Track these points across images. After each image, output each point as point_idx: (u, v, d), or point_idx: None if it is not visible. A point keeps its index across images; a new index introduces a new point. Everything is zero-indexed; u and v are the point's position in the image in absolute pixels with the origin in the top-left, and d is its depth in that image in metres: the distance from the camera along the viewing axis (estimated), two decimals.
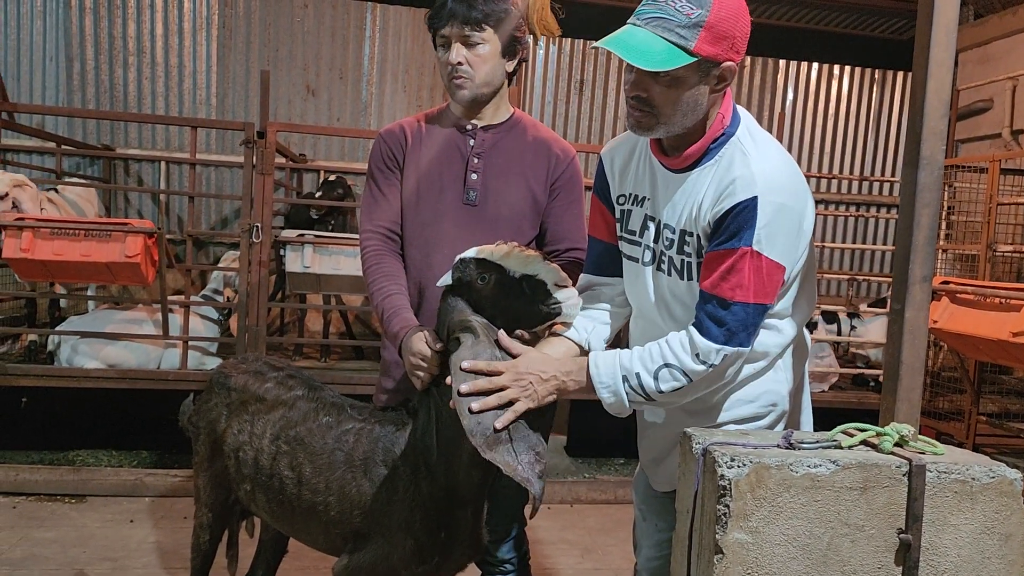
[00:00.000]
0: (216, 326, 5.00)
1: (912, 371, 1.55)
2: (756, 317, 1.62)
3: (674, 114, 1.62)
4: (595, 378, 1.68)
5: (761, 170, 1.60)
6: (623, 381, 1.66)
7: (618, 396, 1.67)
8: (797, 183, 1.63)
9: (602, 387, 1.68)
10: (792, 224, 1.61)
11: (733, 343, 1.61)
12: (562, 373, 1.70)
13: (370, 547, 1.99)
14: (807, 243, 1.69)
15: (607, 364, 1.69)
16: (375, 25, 7.29)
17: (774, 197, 1.57)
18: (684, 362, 1.62)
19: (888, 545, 1.45)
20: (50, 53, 6.90)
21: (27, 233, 4.18)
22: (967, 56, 7.61)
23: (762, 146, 1.66)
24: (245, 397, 2.22)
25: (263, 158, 4.57)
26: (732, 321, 1.59)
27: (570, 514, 4.54)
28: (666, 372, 1.63)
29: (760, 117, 7.94)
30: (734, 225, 1.58)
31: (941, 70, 1.50)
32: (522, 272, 1.77)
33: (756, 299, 1.59)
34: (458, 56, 2.14)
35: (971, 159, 5.55)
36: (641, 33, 1.57)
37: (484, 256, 1.79)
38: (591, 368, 1.69)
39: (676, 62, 1.54)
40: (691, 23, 1.53)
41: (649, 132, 1.67)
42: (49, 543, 3.73)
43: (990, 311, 3.74)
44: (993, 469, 1.47)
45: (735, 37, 1.58)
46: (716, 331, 1.60)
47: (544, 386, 1.68)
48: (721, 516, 1.42)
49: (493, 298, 1.79)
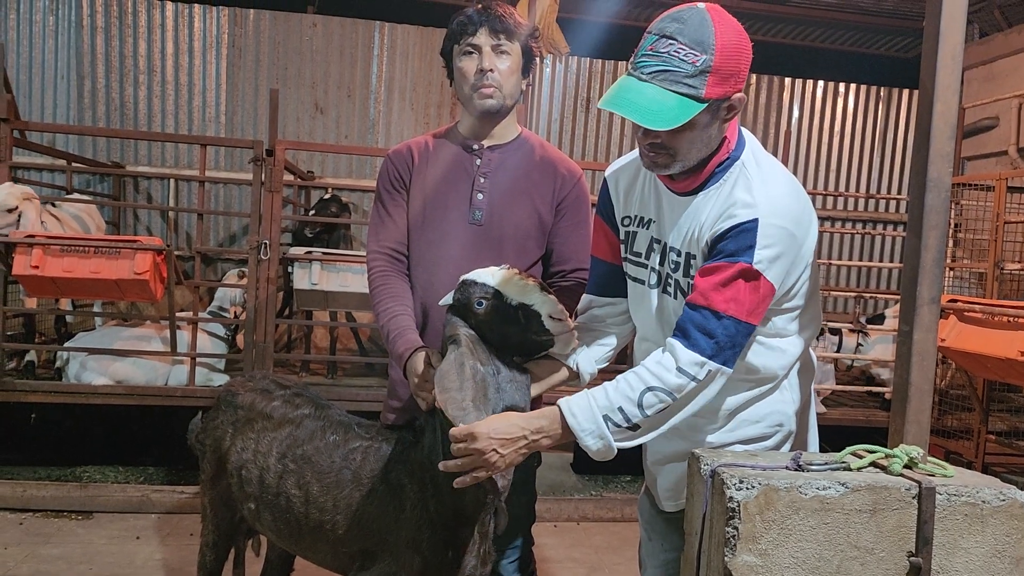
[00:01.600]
0: (223, 343, 5.02)
1: (921, 393, 1.54)
2: (743, 337, 1.59)
3: (690, 152, 1.63)
4: (576, 428, 1.60)
5: (764, 194, 1.60)
6: (606, 421, 1.58)
7: (604, 439, 1.59)
8: (800, 208, 1.63)
9: (585, 434, 1.59)
10: (792, 249, 1.60)
11: (719, 359, 1.56)
12: (531, 432, 1.63)
13: (378, 566, 1.99)
14: (805, 267, 1.68)
15: (583, 409, 1.60)
16: (383, 44, 7.35)
17: (776, 221, 1.57)
18: (667, 380, 1.56)
19: (898, 568, 1.44)
20: (61, 72, 6.96)
21: (37, 250, 4.21)
22: (972, 74, 7.62)
23: (766, 170, 1.66)
24: (252, 415, 2.23)
25: (271, 175, 4.60)
26: (722, 335, 1.55)
27: (577, 532, 4.52)
28: (651, 396, 1.57)
29: (766, 135, 7.96)
30: (733, 244, 1.57)
31: (948, 93, 1.51)
32: (519, 300, 1.78)
33: (747, 318, 1.57)
34: (491, 63, 2.14)
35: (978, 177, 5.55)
36: (649, 90, 1.54)
37: (484, 280, 1.80)
38: (568, 419, 1.61)
39: (689, 113, 1.53)
40: (698, 71, 1.52)
41: (666, 170, 1.68)
42: (55, 560, 3.72)
43: (998, 329, 3.73)
44: (1004, 492, 1.46)
45: (740, 70, 1.58)
46: (704, 343, 1.56)
47: (511, 448, 1.62)
48: (730, 538, 1.41)
49: (489, 323, 1.80)
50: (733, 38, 1.55)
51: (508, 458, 1.63)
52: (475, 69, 2.15)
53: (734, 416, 1.77)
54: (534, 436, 1.63)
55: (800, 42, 8.30)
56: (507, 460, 1.63)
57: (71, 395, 4.58)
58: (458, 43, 2.18)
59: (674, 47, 1.53)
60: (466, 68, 2.17)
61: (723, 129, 1.65)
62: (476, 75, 2.15)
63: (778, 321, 1.72)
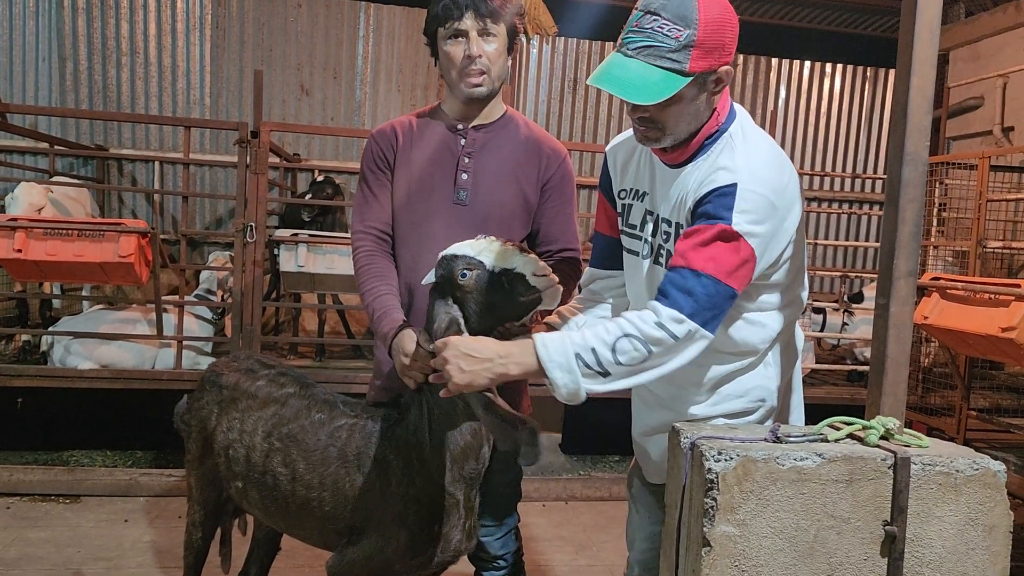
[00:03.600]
0: (210, 326, 5.01)
1: (897, 365, 1.56)
2: (723, 300, 1.57)
3: (678, 125, 1.65)
4: (544, 358, 1.57)
5: (745, 162, 1.61)
6: (576, 359, 1.55)
7: (572, 374, 1.55)
8: (783, 180, 1.64)
9: (553, 366, 1.56)
10: (773, 219, 1.61)
11: (698, 319, 1.54)
12: (500, 356, 1.61)
13: (364, 541, 2.00)
14: (789, 241, 1.69)
15: (556, 343, 1.58)
16: (369, 25, 7.30)
17: (756, 187, 1.58)
18: (644, 331, 1.54)
19: (874, 537, 1.47)
20: (43, 53, 6.89)
21: (20, 233, 4.18)
22: (958, 54, 7.65)
23: (752, 142, 1.67)
24: (236, 395, 2.23)
25: (257, 158, 4.57)
26: (701, 293, 1.54)
27: (565, 511, 4.56)
28: (626, 342, 1.54)
29: (753, 115, 7.84)
30: (712, 207, 1.58)
31: (924, 67, 1.52)
32: (501, 267, 1.78)
33: (727, 279, 1.56)
34: (479, 49, 2.11)
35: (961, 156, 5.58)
36: (634, 64, 1.56)
37: (464, 252, 1.81)
38: (539, 349, 1.58)
39: (674, 87, 1.55)
40: (681, 45, 1.54)
41: (657, 143, 1.70)
42: (43, 543, 3.73)
43: (979, 307, 3.77)
44: (977, 461, 1.49)
45: (725, 44, 1.59)
46: (683, 300, 1.54)
47: (476, 366, 1.61)
48: (709, 509, 1.43)
49: (475, 294, 1.80)
50: (717, 12, 1.56)
51: (470, 375, 1.62)
52: (462, 55, 2.12)
53: (717, 389, 1.79)
54: (501, 360, 1.61)
55: (787, 22, 8.30)
56: (469, 377, 1.62)
57: (57, 379, 4.57)
58: (443, 26, 2.14)
59: (658, 22, 1.54)
60: (453, 53, 2.14)
61: (712, 102, 1.66)
62: (464, 61, 2.13)
63: (761, 295, 1.74)
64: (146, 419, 5.08)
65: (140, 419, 5.24)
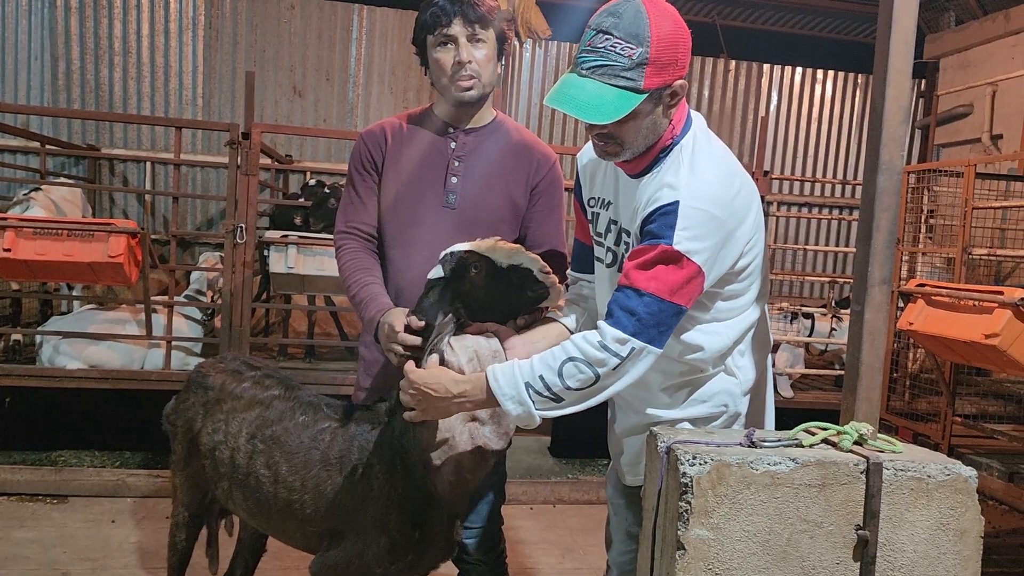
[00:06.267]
0: (200, 326, 5.01)
1: (871, 371, 1.58)
2: (669, 317, 1.60)
3: (636, 140, 1.67)
4: (496, 391, 1.63)
5: (688, 178, 1.63)
6: (526, 388, 1.61)
7: (524, 405, 1.61)
8: (729, 193, 1.65)
9: (505, 399, 1.63)
10: (718, 233, 1.62)
11: (643, 337, 1.57)
12: (457, 395, 1.68)
13: (345, 545, 2.01)
14: (742, 253, 1.71)
15: (506, 375, 1.64)
16: (362, 27, 7.31)
17: (697, 204, 1.60)
18: (588, 353, 1.58)
19: (846, 541, 1.49)
20: (35, 52, 6.88)
21: (9, 232, 4.18)
22: (948, 62, 7.69)
23: (701, 155, 1.69)
24: (222, 396, 2.24)
25: (248, 159, 4.57)
26: (644, 312, 1.57)
27: (552, 514, 4.57)
28: (571, 366, 1.59)
29: (744, 121, 8.01)
30: (655, 226, 1.61)
31: (900, 77, 1.54)
32: (508, 263, 1.84)
33: (671, 298, 1.58)
34: (468, 55, 2.12)
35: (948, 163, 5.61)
36: (589, 84, 1.59)
37: (472, 249, 1.86)
38: (491, 383, 1.64)
39: (629, 105, 1.58)
40: (635, 64, 1.56)
41: (616, 158, 1.73)
42: (30, 543, 3.72)
43: (964, 313, 3.79)
44: (948, 467, 1.51)
45: (678, 59, 1.61)
46: (627, 321, 1.58)
47: (433, 403, 1.71)
48: (683, 513, 1.45)
49: (484, 288, 1.85)
50: (668, 28, 1.58)
51: (431, 412, 1.74)
52: (452, 61, 2.14)
53: (681, 394, 1.82)
54: (457, 400, 1.70)
55: (779, 28, 8.34)
56: (429, 415, 1.75)
57: (45, 379, 4.56)
58: (432, 33, 2.16)
59: (611, 42, 1.57)
60: (443, 60, 2.15)
61: (669, 114, 1.69)
62: (454, 67, 2.14)
63: (716, 303, 1.76)
64: (135, 420, 5.08)
65: (129, 420, 5.23)
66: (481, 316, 1.88)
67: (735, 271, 1.72)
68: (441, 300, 1.85)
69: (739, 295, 1.78)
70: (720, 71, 8.00)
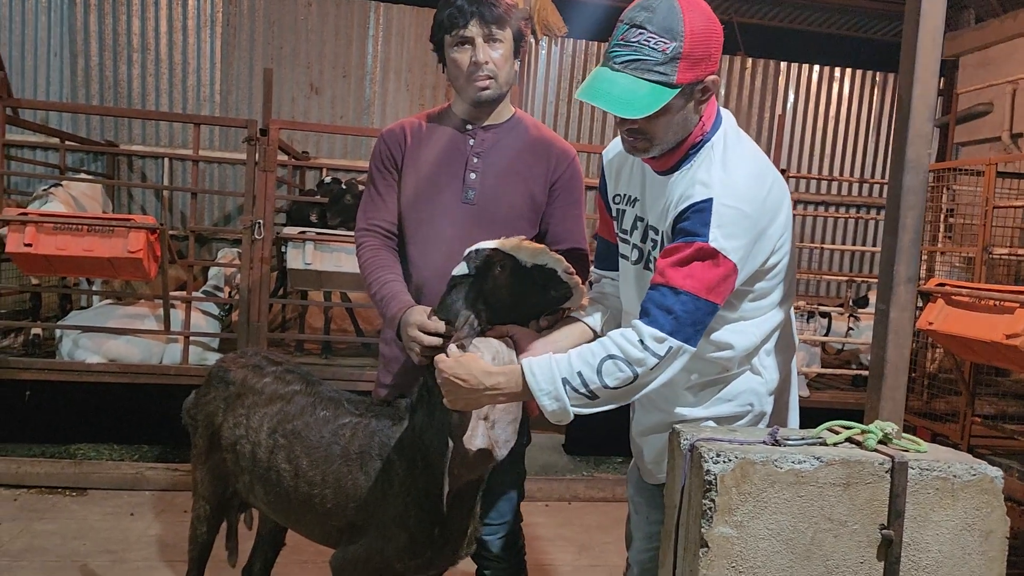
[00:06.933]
0: (217, 322, 5.04)
1: (896, 370, 1.57)
2: (704, 315, 1.60)
3: (666, 135, 1.67)
4: (533, 386, 1.62)
5: (721, 175, 1.62)
6: (563, 384, 1.60)
7: (560, 401, 1.61)
8: (762, 191, 1.65)
9: (542, 394, 1.61)
10: (751, 230, 1.62)
11: (679, 336, 1.57)
12: (492, 386, 1.67)
13: (365, 540, 2.02)
14: (774, 250, 1.70)
15: (543, 370, 1.62)
16: (379, 24, 7.33)
17: (730, 202, 1.59)
18: (628, 351, 1.57)
19: (870, 540, 1.48)
20: (55, 49, 6.93)
21: (30, 228, 4.22)
22: (968, 60, 7.62)
23: (732, 152, 1.68)
24: (243, 391, 2.26)
25: (265, 155, 4.60)
26: (681, 311, 1.57)
27: (568, 511, 4.57)
28: (610, 364, 1.58)
29: (760, 119, 7.97)
30: (690, 223, 1.60)
31: (927, 74, 1.53)
32: (533, 262, 1.85)
33: (707, 296, 1.58)
34: (485, 56, 2.13)
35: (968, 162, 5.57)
36: (621, 79, 1.58)
37: (497, 247, 1.88)
38: (527, 376, 1.63)
39: (662, 100, 1.57)
40: (668, 58, 1.56)
41: (646, 154, 1.72)
42: (50, 535, 3.76)
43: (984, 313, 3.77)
44: (974, 467, 1.50)
45: (711, 53, 1.60)
46: (664, 319, 1.57)
47: (466, 394, 1.69)
48: (707, 510, 1.45)
49: (508, 287, 1.86)
50: (702, 23, 1.58)
51: (463, 401, 1.71)
52: (469, 61, 2.14)
53: (707, 393, 1.81)
54: (490, 391, 1.68)
55: (796, 26, 8.29)
56: (461, 404, 1.72)
57: (65, 373, 4.61)
58: (449, 33, 2.16)
59: (644, 36, 1.56)
60: (460, 60, 2.16)
61: (699, 110, 1.68)
62: (470, 67, 2.15)
63: (744, 303, 1.76)
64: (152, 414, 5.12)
65: (146, 414, 5.28)
66: (504, 315, 1.88)
67: (764, 269, 1.72)
68: (465, 298, 1.86)
69: (767, 294, 1.77)
70: (737, 69, 7.97)
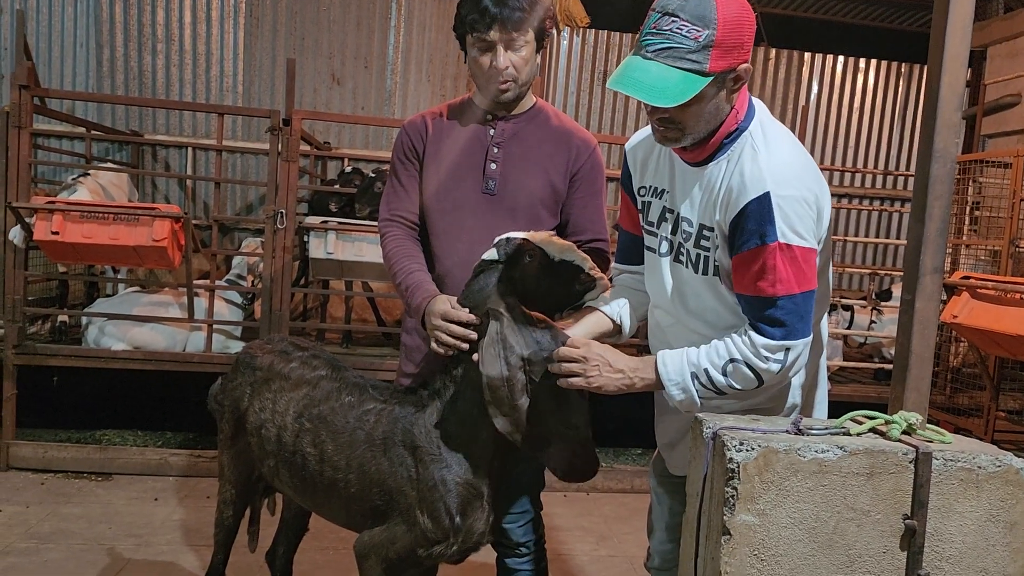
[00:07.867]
0: (240, 310, 5.09)
1: (921, 360, 1.57)
2: (805, 304, 1.64)
3: (698, 125, 1.66)
4: (664, 376, 1.70)
5: (769, 165, 1.62)
6: (692, 379, 1.68)
7: (688, 393, 1.69)
8: (808, 174, 1.65)
9: (672, 384, 1.70)
10: (810, 211, 1.63)
11: (794, 336, 1.63)
12: (630, 370, 1.74)
13: (388, 524, 2.05)
14: (825, 230, 1.71)
15: (675, 362, 1.70)
16: (400, 15, 7.33)
17: (786, 191, 1.59)
18: (751, 360, 1.64)
19: (893, 530, 1.48)
20: (80, 39, 7.00)
21: (57, 216, 4.28)
22: (996, 50, 7.50)
23: (772, 140, 1.68)
24: (270, 376, 2.28)
25: (288, 145, 4.63)
26: (784, 315, 1.61)
27: (586, 502, 4.59)
28: (734, 368, 1.66)
29: (784, 110, 7.90)
30: (752, 224, 1.60)
31: (955, 64, 1.52)
32: (560, 257, 1.90)
33: (801, 288, 1.62)
34: (506, 61, 2.13)
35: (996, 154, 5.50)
36: (654, 67, 1.57)
37: (527, 238, 1.93)
38: (659, 366, 1.71)
39: (695, 88, 1.56)
40: (701, 46, 1.55)
41: (677, 143, 1.71)
42: (76, 519, 3.83)
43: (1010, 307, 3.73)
44: (999, 458, 1.49)
45: (744, 42, 1.60)
46: (774, 330, 1.63)
47: (609, 374, 1.73)
48: (729, 498, 1.45)
49: (535, 278, 1.91)
50: (735, 11, 1.57)
51: (603, 380, 1.73)
52: (489, 64, 2.15)
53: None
54: (632, 374, 1.74)
55: (820, 16, 8.20)
56: (602, 381, 1.73)
57: (91, 360, 4.67)
58: (471, 34, 2.16)
59: (676, 24, 1.55)
60: (481, 62, 2.17)
61: (731, 100, 1.67)
62: (491, 70, 2.15)
63: None
64: (176, 401, 5.19)
65: (170, 400, 5.35)
66: (528, 305, 1.90)
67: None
68: (496, 284, 1.88)
69: None
70: (760, 60, 7.90)
